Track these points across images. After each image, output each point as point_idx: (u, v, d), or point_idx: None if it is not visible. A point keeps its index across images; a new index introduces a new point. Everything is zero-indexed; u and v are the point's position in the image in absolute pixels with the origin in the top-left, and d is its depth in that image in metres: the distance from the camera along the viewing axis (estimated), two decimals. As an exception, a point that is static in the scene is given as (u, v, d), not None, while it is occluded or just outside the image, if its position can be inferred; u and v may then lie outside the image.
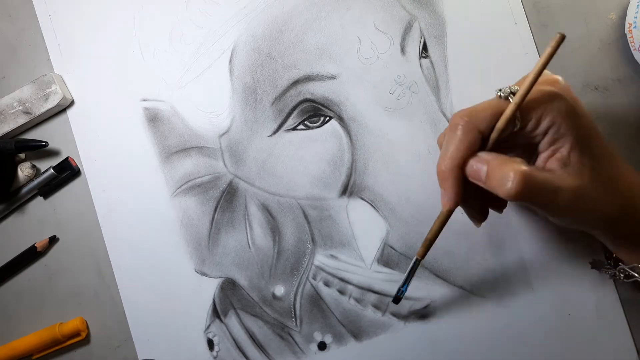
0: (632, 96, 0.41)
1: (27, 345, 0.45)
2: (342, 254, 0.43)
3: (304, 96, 0.43)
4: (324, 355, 0.43)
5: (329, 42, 0.43)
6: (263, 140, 0.44)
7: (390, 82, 0.43)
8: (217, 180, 0.44)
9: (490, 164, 0.30)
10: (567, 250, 0.41)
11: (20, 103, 0.45)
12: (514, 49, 0.42)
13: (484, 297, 0.42)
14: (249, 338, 0.44)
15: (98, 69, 0.46)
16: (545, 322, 0.41)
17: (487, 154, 0.31)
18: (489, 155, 0.31)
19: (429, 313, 0.42)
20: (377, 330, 0.42)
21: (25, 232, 0.47)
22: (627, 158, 0.40)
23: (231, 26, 0.44)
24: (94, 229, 0.46)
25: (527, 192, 0.29)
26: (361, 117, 0.42)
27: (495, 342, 0.41)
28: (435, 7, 0.43)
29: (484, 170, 0.30)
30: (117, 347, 0.45)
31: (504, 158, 0.30)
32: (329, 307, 0.43)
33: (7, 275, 0.47)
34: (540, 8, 0.42)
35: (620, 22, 0.41)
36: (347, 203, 0.43)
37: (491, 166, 0.30)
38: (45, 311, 0.46)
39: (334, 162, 0.43)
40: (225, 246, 0.44)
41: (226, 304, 0.44)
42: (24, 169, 0.46)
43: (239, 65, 0.44)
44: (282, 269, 0.44)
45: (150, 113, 0.45)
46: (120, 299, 0.45)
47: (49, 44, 0.47)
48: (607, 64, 0.41)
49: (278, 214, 0.44)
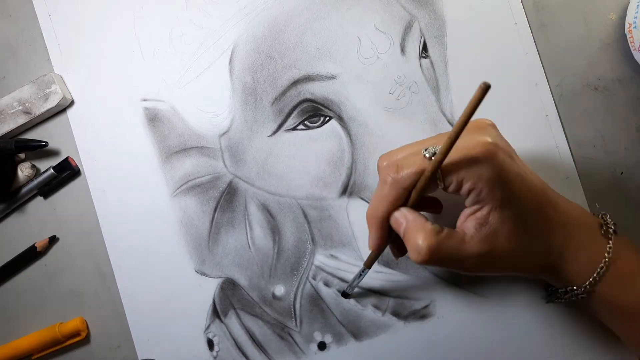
0: (632, 96, 0.41)
1: (27, 345, 0.45)
2: (342, 254, 0.43)
3: (304, 96, 0.43)
4: (324, 355, 0.43)
5: (329, 42, 0.43)
6: (263, 140, 0.44)
7: (390, 82, 0.43)
8: (217, 180, 0.44)
9: (407, 225, 0.32)
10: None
11: (20, 103, 0.45)
12: (514, 49, 0.42)
13: (484, 297, 0.42)
14: (249, 338, 0.44)
15: (98, 69, 0.46)
16: (545, 322, 0.41)
17: (408, 211, 0.33)
18: (409, 213, 0.33)
19: (429, 313, 0.42)
20: (377, 330, 0.42)
21: (25, 232, 0.47)
22: (627, 158, 0.41)
23: (231, 26, 0.44)
24: (94, 229, 0.46)
25: (432, 261, 0.32)
26: (361, 117, 0.42)
27: (495, 342, 0.41)
28: (435, 7, 0.43)
29: (403, 228, 0.33)
30: (117, 347, 0.45)
31: (419, 222, 0.32)
32: (329, 307, 0.43)
33: (7, 275, 0.47)
34: (540, 8, 0.42)
35: (620, 22, 0.41)
36: (347, 203, 0.43)
37: (407, 227, 0.32)
38: (45, 311, 0.46)
39: (334, 162, 0.43)
40: (225, 246, 0.44)
41: (226, 304, 0.44)
42: (24, 169, 0.46)
43: (239, 65, 0.44)
44: (282, 269, 0.44)
45: (150, 113, 0.45)
46: (120, 299, 0.45)
47: (49, 44, 0.47)
48: (607, 64, 0.41)
49: (278, 214, 0.44)
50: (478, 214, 0.32)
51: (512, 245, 0.32)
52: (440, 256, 0.31)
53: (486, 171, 0.31)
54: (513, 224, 0.31)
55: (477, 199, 0.31)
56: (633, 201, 0.41)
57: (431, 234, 0.31)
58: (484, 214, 0.31)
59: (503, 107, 0.42)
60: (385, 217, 0.34)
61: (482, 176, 0.31)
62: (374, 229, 0.35)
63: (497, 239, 0.32)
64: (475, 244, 0.32)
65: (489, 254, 0.32)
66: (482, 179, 0.31)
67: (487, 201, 0.31)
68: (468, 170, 0.31)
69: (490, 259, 0.32)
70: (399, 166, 0.33)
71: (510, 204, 0.31)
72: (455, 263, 0.32)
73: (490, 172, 0.31)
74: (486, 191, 0.31)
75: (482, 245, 0.32)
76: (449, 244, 0.32)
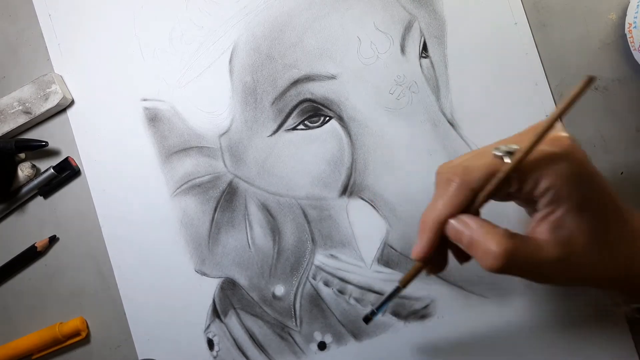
0: (632, 96, 0.41)
1: (27, 345, 0.45)
2: (342, 254, 0.43)
3: (304, 96, 0.43)
4: (324, 355, 0.43)
5: (329, 42, 0.43)
6: (263, 140, 0.44)
7: (390, 82, 0.42)
8: (217, 180, 0.44)
9: (475, 233, 0.29)
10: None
11: (20, 103, 0.45)
12: (514, 49, 0.42)
13: (484, 297, 0.42)
14: (249, 338, 0.44)
15: (98, 69, 0.46)
16: (545, 322, 0.41)
17: (472, 219, 0.30)
18: (474, 221, 0.30)
19: (429, 313, 0.42)
20: (377, 330, 0.42)
21: (25, 232, 0.47)
22: (627, 158, 0.41)
23: (231, 26, 0.44)
24: (94, 228, 0.46)
25: (508, 269, 0.29)
26: (361, 117, 0.42)
27: (495, 342, 0.41)
28: (435, 7, 0.43)
29: (467, 236, 0.30)
30: (117, 347, 0.45)
31: (488, 228, 0.29)
32: (329, 307, 0.43)
33: (7, 275, 0.47)
34: (540, 8, 0.42)
35: (620, 22, 0.41)
36: (347, 203, 0.43)
37: (475, 235, 0.29)
38: (45, 311, 0.46)
39: (334, 162, 0.43)
40: (225, 246, 0.44)
41: (226, 303, 0.44)
42: (24, 169, 0.46)
43: (239, 65, 0.44)
44: (282, 269, 0.44)
45: (150, 113, 0.45)
46: (120, 298, 0.45)
47: (49, 44, 0.47)
48: (607, 64, 0.41)
49: (278, 214, 0.44)
50: (552, 216, 0.29)
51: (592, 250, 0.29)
52: (516, 261, 0.28)
53: (567, 168, 0.28)
54: (591, 226, 0.29)
55: (554, 198, 0.29)
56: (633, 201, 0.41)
57: (506, 238, 0.29)
58: (558, 216, 0.29)
59: (503, 107, 0.42)
60: (443, 222, 0.31)
61: (562, 173, 0.28)
62: (427, 235, 0.31)
63: (575, 243, 0.29)
64: (551, 248, 0.29)
65: (568, 259, 0.29)
66: (562, 176, 0.28)
67: (564, 201, 0.29)
68: (547, 167, 0.28)
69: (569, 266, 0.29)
70: (467, 167, 0.30)
71: (588, 204, 0.29)
72: (531, 269, 0.29)
73: (571, 168, 0.28)
74: (566, 189, 0.28)
75: (559, 250, 0.29)
76: (525, 249, 0.29)
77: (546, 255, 0.29)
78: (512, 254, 0.28)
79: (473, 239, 0.29)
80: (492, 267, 0.29)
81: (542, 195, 0.29)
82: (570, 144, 0.29)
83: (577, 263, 0.29)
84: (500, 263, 0.28)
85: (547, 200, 0.29)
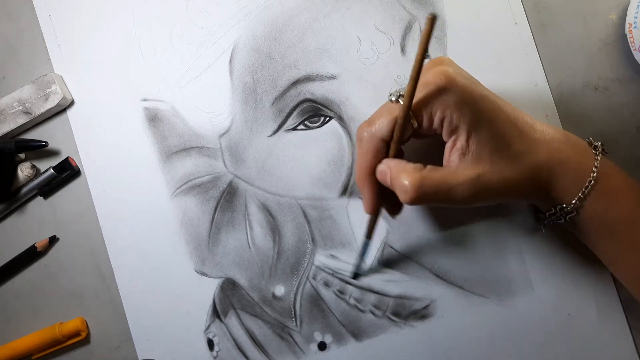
0: (632, 96, 0.41)
1: (27, 345, 0.45)
2: (342, 254, 0.43)
3: (304, 96, 0.43)
4: (324, 355, 0.43)
5: (329, 42, 0.43)
6: (263, 140, 0.44)
7: (390, 82, 0.42)
8: (217, 180, 0.44)
9: (392, 171, 0.33)
10: (567, 250, 0.41)
11: (20, 103, 0.45)
12: (514, 49, 0.42)
13: (484, 297, 0.42)
14: (249, 338, 0.44)
15: (98, 69, 0.46)
16: (545, 322, 0.41)
17: (391, 161, 0.34)
18: (392, 161, 0.34)
19: (429, 313, 0.42)
20: (377, 330, 0.42)
21: (25, 232, 0.47)
22: (627, 158, 0.41)
23: (231, 26, 0.44)
24: (94, 229, 0.46)
25: (423, 197, 0.32)
26: (361, 117, 0.42)
27: (495, 342, 0.41)
28: (435, 7, 0.43)
29: (389, 176, 0.33)
30: (117, 347, 0.45)
31: (401, 166, 0.33)
32: (329, 307, 0.43)
33: (7, 275, 0.47)
34: (540, 8, 0.42)
35: (620, 22, 0.41)
36: (348, 203, 0.43)
37: (393, 173, 0.33)
38: (45, 311, 0.46)
39: (334, 162, 0.43)
40: (225, 246, 0.44)
41: (226, 304, 0.44)
42: (24, 169, 0.46)
43: (239, 65, 0.44)
44: (282, 269, 0.44)
45: (150, 113, 0.45)
46: (120, 299, 0.45)
47: (49, 44, 0.47)
48: (607, 64, 0.41)
49: (278, 214, 0.44)
50: (458, 143, 0.32)
51: (498, 166, 0.32)
52: (427, 190, 0.32)
53: (451, 96, 0.32)
54: (493, 144, 0.32)
55: (451, 127, 0.32)
56: (633, 201, 0.41)
57: (414, 171, 0.32)
58: (463, 143, 0.32)
59: (503, 107, 0.42)
60: (371, 172, 0.35)
61: (448, 102, 0.32)
62: (365, 189, 0.35)
63: (482, 161, 0.32)
64: (462, 171, 0.32)
65: (478, 178, 0.32)
66: (449, 105, 0.32)
67: (461, 126, 0.32)
68: (434, 101, 0.32)
69: (479, 184, 0.32)
70: (371, 120, 0.34)
71: (483, 124, 0.32)
72: (445, 195, 0.32)
73: (454, 96, 0.32)
74: (456, 115, 0.32)
75: (469, 171, 0.32)
76: (435, 176, 0.32)
77: (457, 178, 0.32)
78: (421, 185, 0.31)
79: (392, 177, 0.33)
80: (406, 200, 0.32)
81: (440, 127, 0.33)
82: (447, 75, 0.32)
83: (487, 180, 0.32)
84: (411, 195, 0.32)
85: (446, 131, 0.33)
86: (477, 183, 0.32)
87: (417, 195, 0.32)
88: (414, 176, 0.32)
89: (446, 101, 0.32)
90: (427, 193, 0.32)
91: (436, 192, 0.32)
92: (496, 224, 0.42)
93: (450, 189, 0.32)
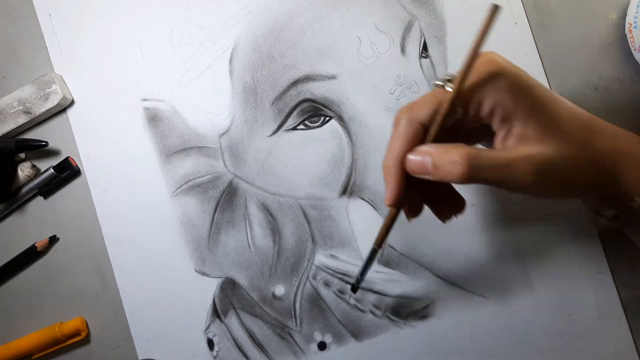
0: (632, 96, 0.41)
1: (27, 345, 0.45)
2: (342, 254, 0.43)
3: (304, 96, 0.43)
4: (324, 355, 0.43)
5: (329, 42, 0.43)
6: (263, 140, 0.44)
7: (390, 82, 0.42)
8: (217, 180, 0.44)
9: (434, 154, 0.29)
10: (567, 250, 0.41)
11: (21, 103, 0.45)
12: (514, 49, 0.42)
13: (484, 297, 0.42)
14: (249, 338, 0.44)
15: (98, 69, 0.46)
16: (545, 322, 0.41)
17: (427, 146, 0.30)
18: (429, 146, 0.30)
19: (429, 313, 0.42)
20: (377, 330, 0.42)
21: (25, 232, 0.47)
22: (627, 158, 0.40)
23: (231, 26, 0.44)
24: (94, 228, 0.46)
25: (479, 171, 0.28)
26: (361, 117, 0.42)
27: (495, 342, 0.41)
28: (435, 7, 0.43)
29: (429, 162, 0.29)
30: (117, 347, 0.45)
31: (447, 145, 0.29)
32: (329, 307, 0.43)
33: (7, 275, 0.47)
34: (540, 8, 0.42)
35: (620, 22, 0.41)
36: (347, 203, 0.43)
37: (435, 155, 0.29)
38: (45, 311, 0.46)
39: (334, 162, 0.43)
40: (225, 246, 0.44)
41: (226, 303, 0.44)
42: (24, 169, 0.46)
43: (239, 65, 0.44)
44: (282, 269, 0.44)
45: (150, 113, 0.45)
46: (120, 299, 0.45)
47: (49, 44, 0.47)
48: (607, 64, 0.41)
49: (278, 214, 0.44)
50: (514, 130, 0.29)
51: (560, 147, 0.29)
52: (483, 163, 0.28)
53: (504, 82, 0.29)
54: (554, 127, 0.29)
55: (504, 114, 0.29)
56: (633, 201, 0.41)
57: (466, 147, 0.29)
58: (520, 129, 0.29)
59: (503, 107, 0.42)
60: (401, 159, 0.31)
61: (501, 88, 0.29)
62: (391, 177, 0.31)
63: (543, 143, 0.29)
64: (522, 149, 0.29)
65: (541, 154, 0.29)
66: (502, 91, 0.29)
67: (517, 110, 0.29)
68: (486, 86, 0.29)
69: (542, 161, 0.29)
70: (412, 104, 0.31)
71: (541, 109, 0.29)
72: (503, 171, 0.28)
73: (508, 81, 0.29)
74: (511, 101, 0.29)
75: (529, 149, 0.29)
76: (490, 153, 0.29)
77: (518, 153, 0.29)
78: (477, 156, 0.28)
79: (435, 161, 0.29)
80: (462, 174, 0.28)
81: (490, 115, 0.30)
82: (498, 62, 0.30)
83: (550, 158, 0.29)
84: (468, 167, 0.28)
85: (499, 118, 0.30)
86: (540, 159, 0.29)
87: (471, 169, 0.28)
88: (465, 149, 0.28)
89: (498, 87, 0.29)
90: (482, 167, 0.28)
91: (493, 165, 0.28)
92: (496, 224, 0.42)
93: (510, 165, 0.28)
